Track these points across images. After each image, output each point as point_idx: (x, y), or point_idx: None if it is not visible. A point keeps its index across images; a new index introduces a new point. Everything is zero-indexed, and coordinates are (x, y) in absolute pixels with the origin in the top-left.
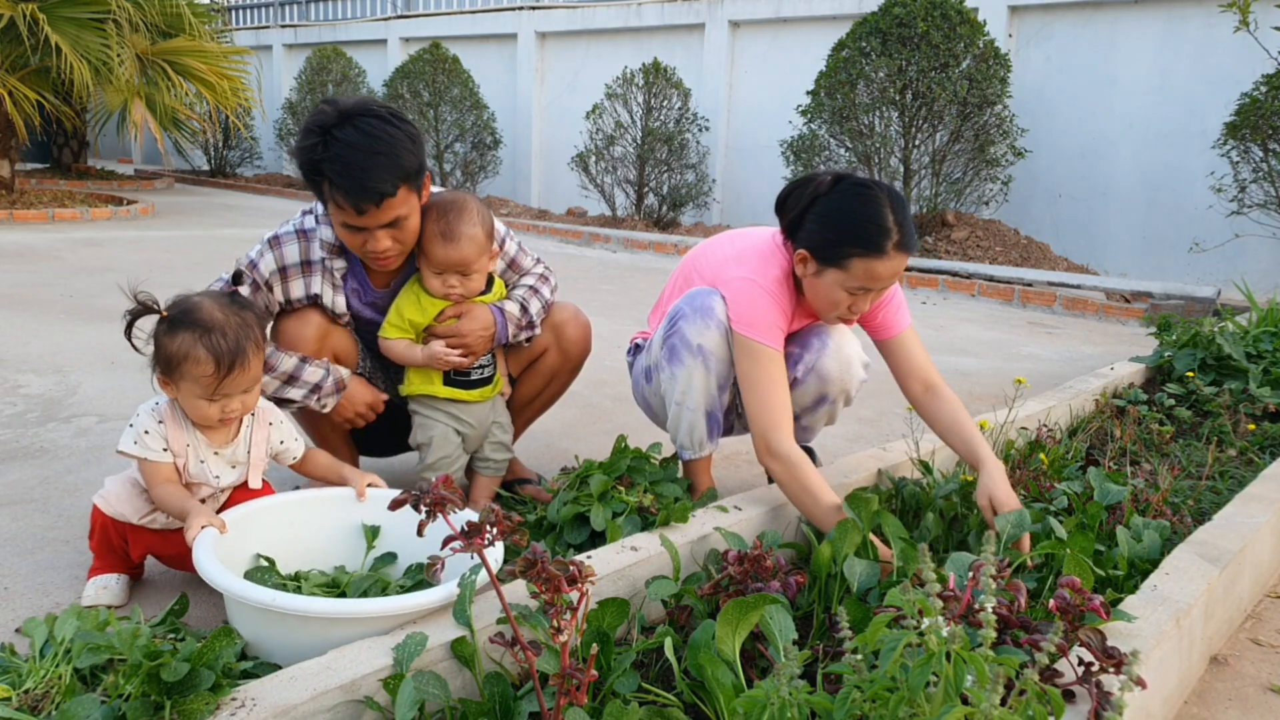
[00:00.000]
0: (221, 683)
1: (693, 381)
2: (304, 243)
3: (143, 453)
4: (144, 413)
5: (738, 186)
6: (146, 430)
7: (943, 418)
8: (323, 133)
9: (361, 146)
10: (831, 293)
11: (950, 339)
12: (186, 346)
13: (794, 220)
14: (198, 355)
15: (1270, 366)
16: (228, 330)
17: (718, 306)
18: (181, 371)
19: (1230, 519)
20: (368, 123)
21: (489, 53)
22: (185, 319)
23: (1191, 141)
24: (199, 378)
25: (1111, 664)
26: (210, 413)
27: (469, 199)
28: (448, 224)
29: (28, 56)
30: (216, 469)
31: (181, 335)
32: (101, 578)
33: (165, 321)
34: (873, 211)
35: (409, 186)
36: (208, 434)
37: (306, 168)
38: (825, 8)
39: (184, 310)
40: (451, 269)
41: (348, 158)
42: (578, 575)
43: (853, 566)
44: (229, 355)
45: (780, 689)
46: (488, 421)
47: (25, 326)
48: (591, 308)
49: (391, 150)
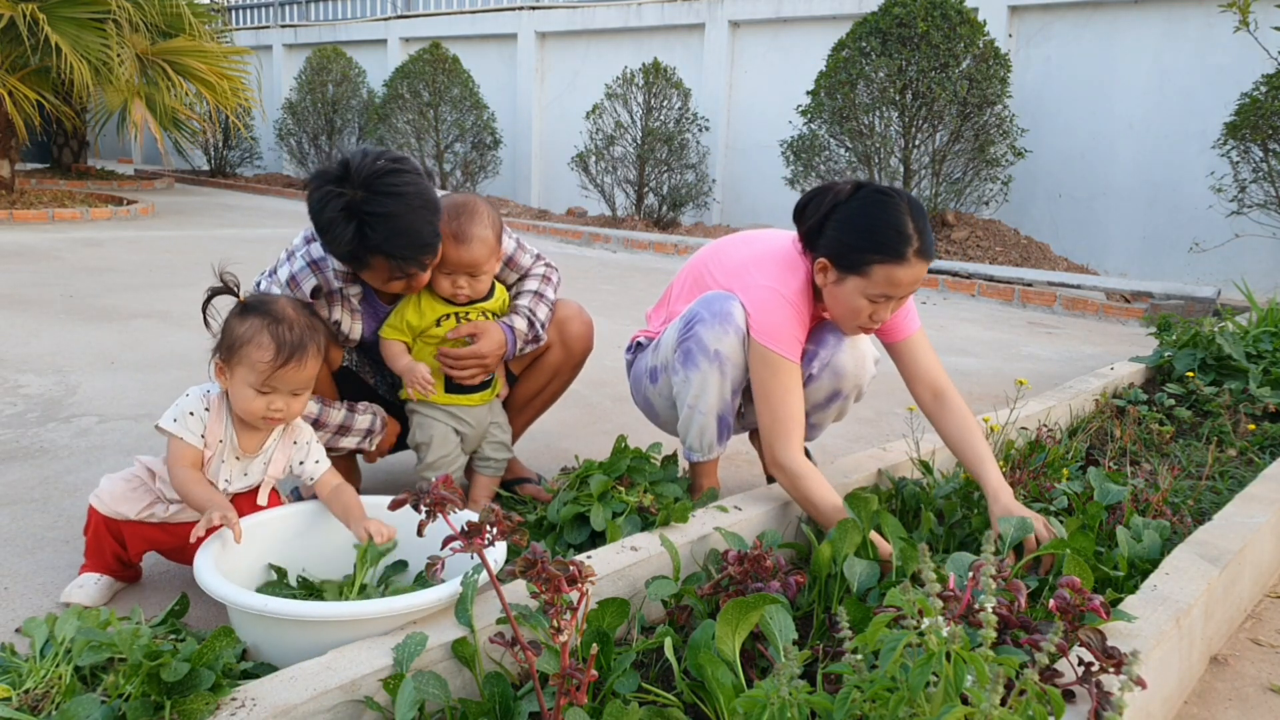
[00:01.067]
0: (221, 683)
1: (708, 386)
2: (320, 275)
3: (180, 431)
4: (195, 395)
5: (738, 186)
6: (191, 412)
7: (952, 431)
8: (354, 215)
9: (401, 210)
10: (852, 300)
11: (950, 339)
12: (253, 331)
13: (813, 229)
14: (261, 340)
15: (1270, 366)
16: (295, 325)
17: (736, 312)
18: (241, 355)
19: (1230, 519)
20: (387, 184)
21: (489, 53)
22: (260, 306)
23: (1191, 141)
24: (256, 363)
25: (1111, 664)
26: (256, 406)
27: (479, 201)
28: (460, 226)
29: (28, 56)
30: (229, 474)
31: (252, 319)
32: (82, 576)
33: (241, 306)
34: (894, 218)
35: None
36: (242, 439)
37: (356, 256)
38: (825, 8)
39: (261, 299)
40: (462, 270)
41: (399, 228)
42: (578, 575)
43: (853, 566)
44: (290, 347)
45: (780, 689)
46: (486, 422)
47: (25, 326)
48: (591, 308)
49: (422, 198)
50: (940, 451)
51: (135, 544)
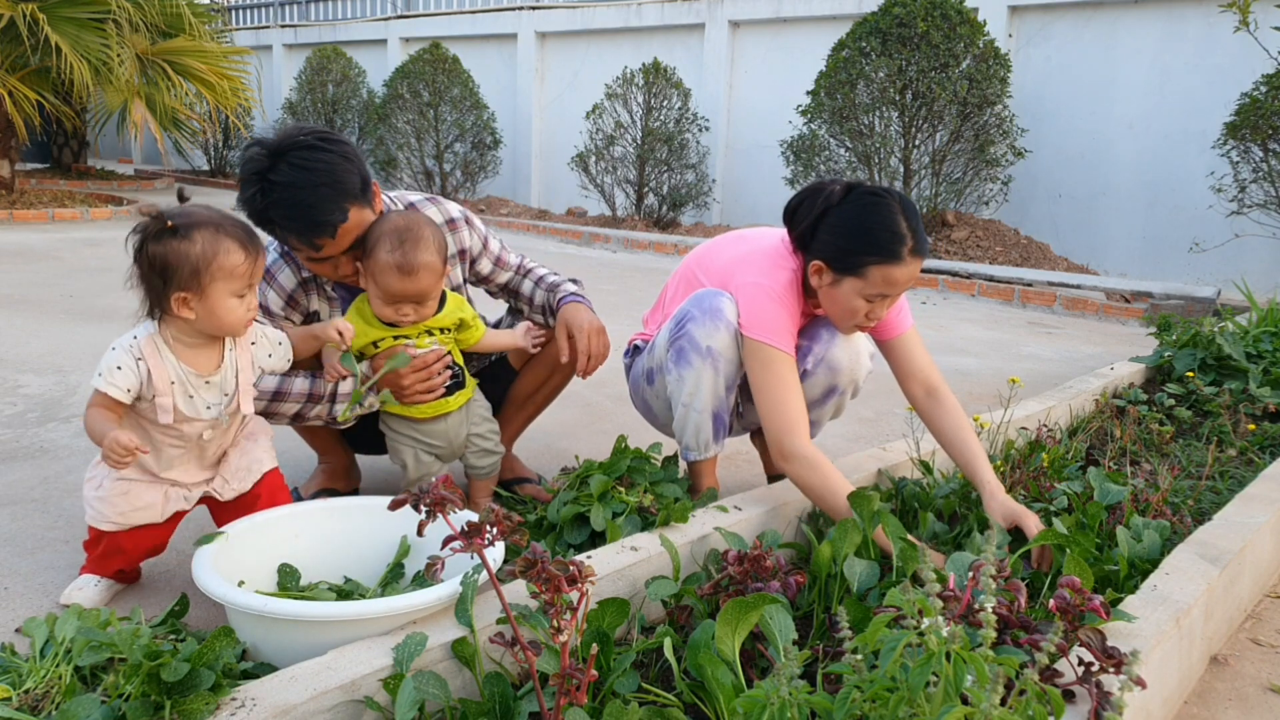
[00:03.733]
0: (221, 683)
1: (701, 383)
2: (293, 265)
3: (106, 387)
4: (120, 348)
5: (738, 186)
6: (119, 366)
7: (945, 428)
8: (259, 180)
9: (301, 183)
10: (849, 301)
11: (950, 339)
12: (210, 243)
13: (805, 232)
14: (227, 246)
15: (1270, 366)
16: (232, 220)
17: (727, 308)
18: (213, 270)
19: (1230, 519)
20: (299, 156)
21: (489, 53)
22: (192, 221)
23: (1191, 141)
24: (233, 269)
25: (1111, 664)
26: (240, 315)
27: (421, 221)
28: (404, 256)
29: (28, 56)
30: (208, 399)
31: (198, 235)
32: (82, 578)
33: (169, 230)
34: (887, 219)
35: (358, 205)
36: (197, 364)
37: (254, 218)
38: (825, 8)
39: (182, 217)
40: (406, 299)
41: (291, 199)
42: (578, 575)
43: (853, 566)
44: (252, 239)
45: (780, 689)
46: (460, 435)
47: (25, 326)
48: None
49: (331, 177)
50: (940, 452)
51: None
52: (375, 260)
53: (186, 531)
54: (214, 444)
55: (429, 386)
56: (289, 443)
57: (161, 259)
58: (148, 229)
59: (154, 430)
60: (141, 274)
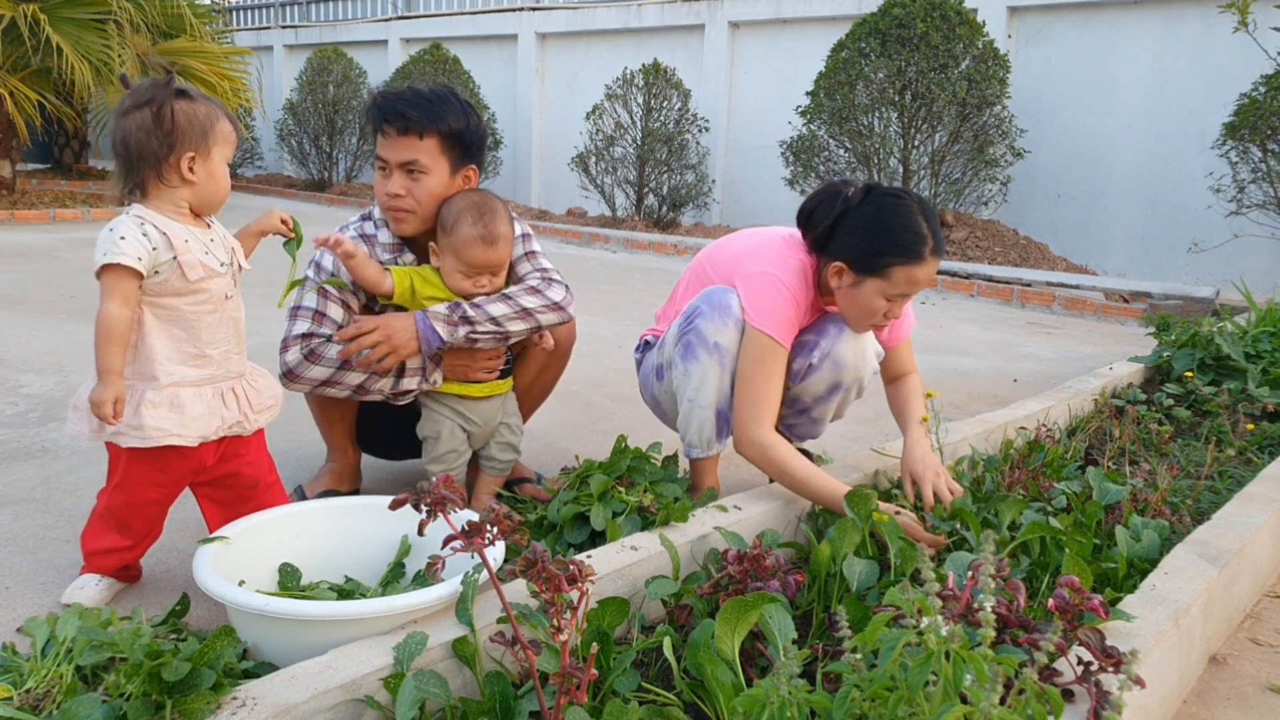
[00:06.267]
0: (222, 682)
1: (707, 378)
2: (369, 247)
3: (115, 258)
4: (120, 225)
5: (738, 187)
6: (123, 237)
7: (898, 397)
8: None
9: (416, 91)
10: (871, 301)
11: (949, 339)
12: (208, 108)
13: (823, 234)
14: (219, 113)
15: (1269, 366)
16: (203, 96)
17: (735, 305)
18: (217, 133)
19: (1229, 519)
20: (434, 87)
21: (489, 53)
22: (166, 93)
23: (1190, 142)
24: (228, 135)
25: (1110, 663)
26: (229, 185)
27: (493, 198)
28: (486, 228)
29: (29, 57)
30: (219, 254)
31: (199, 99)
32: (82, 577)
33: (182, 93)
34: (909, 220)
35: (441, 142)
36: (192, 223)
37: (380, 97)
38: (825, 8)
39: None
40: (488, 270)
41: (400, 94)
42: (578, 574)
43: (852, 566)
44: (228, 112)
45: (780, 688)
46: (495, 420)
47: (26, 326)
48: (592, 308)
49: (439, 101)
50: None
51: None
52: (458, 235)
53: (187, 531)
54: (237, 310)
55: (492, 366)
56: (290, 443)
57: (174, 119)
58: (155, 94)
59: (183, 304)
60: (138, 143)
